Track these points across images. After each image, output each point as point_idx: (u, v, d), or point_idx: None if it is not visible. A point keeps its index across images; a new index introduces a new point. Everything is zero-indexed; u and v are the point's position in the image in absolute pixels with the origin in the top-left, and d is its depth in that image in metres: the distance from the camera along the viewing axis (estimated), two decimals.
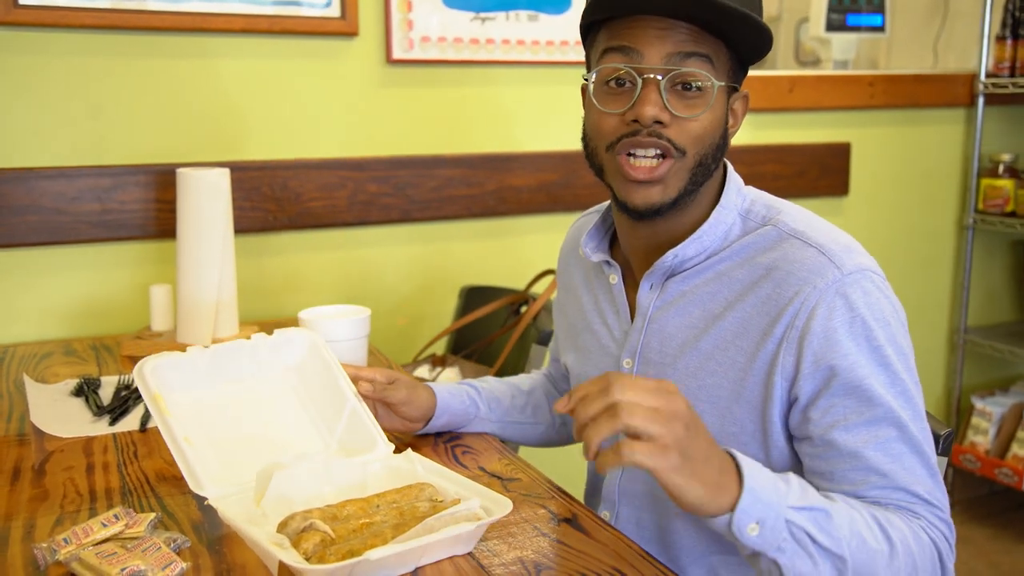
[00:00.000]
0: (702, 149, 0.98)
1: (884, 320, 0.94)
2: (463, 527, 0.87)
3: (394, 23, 1.95)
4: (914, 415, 0.93)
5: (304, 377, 1.15)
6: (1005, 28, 2.60)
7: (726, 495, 0.79)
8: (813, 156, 2.50)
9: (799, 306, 0.94)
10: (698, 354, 1.01)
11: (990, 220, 2.68)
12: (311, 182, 1.92)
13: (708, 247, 1.03)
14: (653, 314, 1.06)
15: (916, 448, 0.92)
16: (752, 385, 0.97)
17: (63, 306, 1.79)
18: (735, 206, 1.04)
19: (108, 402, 1.35)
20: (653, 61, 0.95)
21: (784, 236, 0.99)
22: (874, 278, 0.96)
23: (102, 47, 1.75)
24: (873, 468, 0.91)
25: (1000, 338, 2.76)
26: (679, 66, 0.95)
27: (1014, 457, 2.62)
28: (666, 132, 0.96)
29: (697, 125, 0.97)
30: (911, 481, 0.91)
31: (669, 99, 0.96)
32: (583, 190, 2.18)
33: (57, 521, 0.98)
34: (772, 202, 1.05)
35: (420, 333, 2.07)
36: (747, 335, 0.98)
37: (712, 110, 0.97)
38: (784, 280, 0.96)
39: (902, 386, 0.93)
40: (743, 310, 0.98)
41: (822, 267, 0.94)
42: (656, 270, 1.04)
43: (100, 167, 1.76)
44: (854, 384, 0.92)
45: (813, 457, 0.96)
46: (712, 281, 1.02)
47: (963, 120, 2.76)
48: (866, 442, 0.91)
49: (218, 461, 1.01)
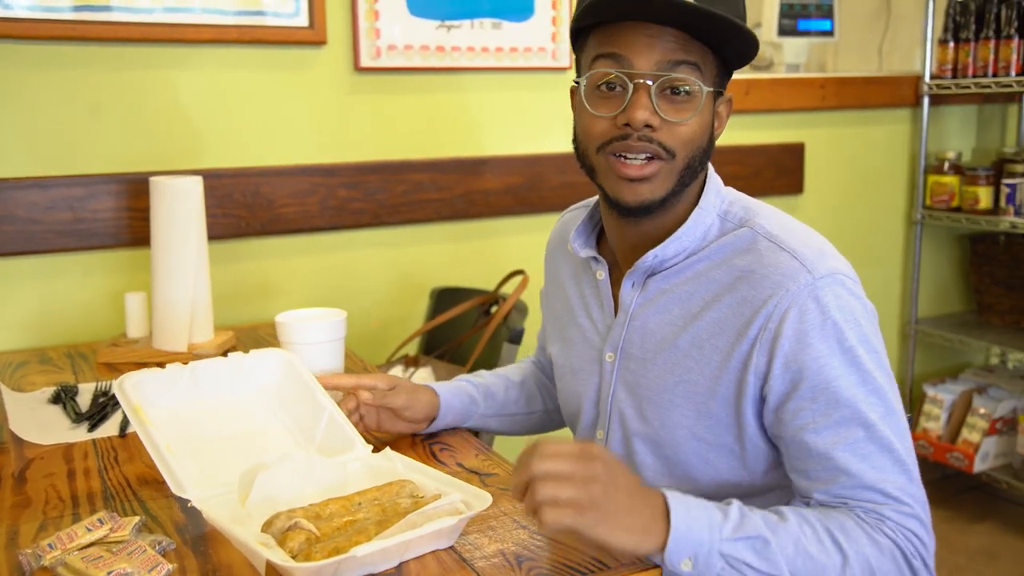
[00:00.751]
0: (691, 152, 1.01)
1: (855, 321, 0.97)
2: (445, 522, 0.89)
3: (361, 32, 1.98)
4: (886, 413, 0.96)
5: (281, 393, 1.18)
6: (947, 32, 2.69)
7: (655, 538, 0.85)
8: (769, 156, 2.57)
9: (772, 308, 0.97)
10: (676, 351, 1.05)
11: (937, 215, 2.78)
12: (282, 188, 1.95)
13: (687, 247, 1.06)
14: (635, 311, 1.10)
15: (886, 446, 0.95)
16: (727, 383, 1.01)
17: (38, 315, 1.79)
18: (714, 207, 1.07)
19: (86, 409, 1.36)
20: (643, 67, 0.98)
21: (758, 238, 1.02)
22: (845, 281, 0.99)
23: (72, 59, 1.76)
24: (842, 469, 0.95)
25: (949, 328, 2.85)
26: (669, 72, 0.98)
27: (964, 442, 2.70)
28: (656, 136, 0.99)
29: (686, 129, 1.00)
30: (880, 480, 0.94)
31: (659, 104, 0.99)
32: (549, 192, 2.23)
33: (40, 527, 0.98)
34: (749, 204, 1.09)
35: (393, 335, 2.10)
36: (723, 335, 1.01)
37: (700, 114, 1.00)
38: (759, 283, 0.99)
39: (873, 384, 0.96)
40: (719, 310, 1.02)
41: (795, 271, 0.98)
42: (637, 269, 1.08)
43: (73, 177, 1.77)
44: (821, 386, 0.96)
45: (788, 456, 1.00)
46: (691, 280, 1.06)
47: (909, 120, 2.85)
48: (835, 443, 0.95)
49: (199, 467, 1.03)
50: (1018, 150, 2.74)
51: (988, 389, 2.79)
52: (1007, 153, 2.71)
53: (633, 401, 1.11)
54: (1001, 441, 2.70)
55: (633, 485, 0.87)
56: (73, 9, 1.72)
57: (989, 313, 2.91)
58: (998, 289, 2.86)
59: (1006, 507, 2.79)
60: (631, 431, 1.11)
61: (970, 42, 2.64)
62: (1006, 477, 2.65)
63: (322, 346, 1.29)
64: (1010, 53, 2.53)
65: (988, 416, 2.67)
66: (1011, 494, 2.75)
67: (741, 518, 0.89)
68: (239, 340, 1.76)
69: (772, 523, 0.90)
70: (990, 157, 2.83)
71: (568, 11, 2.20)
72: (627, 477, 0.87)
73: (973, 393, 2.77)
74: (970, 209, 2.68)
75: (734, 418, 1.02)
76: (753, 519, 0.89)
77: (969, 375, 2.92)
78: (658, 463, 1.09)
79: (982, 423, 2.68)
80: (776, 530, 0.89)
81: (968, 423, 2.72)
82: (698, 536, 0.86)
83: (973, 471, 2.66)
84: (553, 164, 2.22)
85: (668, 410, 1.06)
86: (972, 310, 3.05)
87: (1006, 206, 2.57)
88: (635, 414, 1.10)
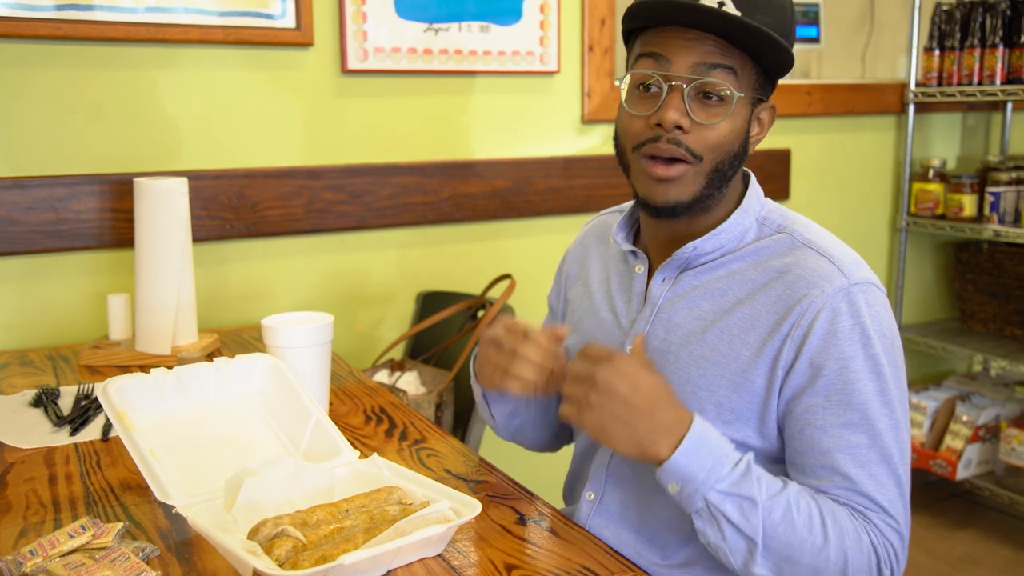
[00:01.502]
0: (719, 156, 1.03)
1: (883, 333, 1.00)
2: (434, 529, 0.88)
3: (348, 34, 1.97)
4: (893, 426, 0.98)
5: (267, 398, 1.17)
6: (932, 40, 2.71)
7: (654, 453, 0.95)
8: (756, 162, 2.58)
9: (806, 307, 1.00)
10: (702, 345, 1.06)
11: (922, 222, 2.80)
12: (268, 190, 1.94)
13: (724, 245, 1.09)
14: (663, 304, 1.11)
15: (886, 458, 0.98)
16: (756, 377, 1.02)
17: (19, 316, 1.77)
18: (754, 211, 1.10)
19: (68, 412, 1.35)
20: (680, 69, 1.01)
21: (798, 244, 1.05)
22: (878, 293, 1.02)
23: (55, 58, 1.74)
24: (839, 470, 0.97)
25: (933, 335, 2.87)
26: (703, 75, 1.00)
27: (947, 449, 2.72)
28: (685, 139, 1.02)
29: (715, 133, 1.02)
30: (873, 488, 0.97)
31: (692, 106, 1.01)
32: (536, 196, 2.23)
33: (21, 533, 0.97)
34: (788, 213, 1.12)
35: (379, 338, 2.09)
36: (754, 330, 1.03)
37: (732, 119, 1.02)
38: (795, 283, 1.02)
39: (888, 396, 0.98)
40: (752, 307, 1.04)
41: (831, 274, 1.01)
42: (673, 261, 1.10)
43: (55, 177, 1.75)
44: (838, 386, 0.98)
45: (789, 449, 1.02)
46: (724, 278, 1.07)
47: (895, 127, 2.88)
48: (838, 444, 0.97)
49: (184, 473, 1.02)
50: (1002, 159, 2.76)
51: (971, 396, 2.81)
52: (991, 161, 2.73)
53: None
54: (984, 448, 2.72)
55: (642, 401, 0.94)
56: (56, 8, 1.70)
57: (972, 320, 2.93)
58: (981, 297, 2.88)
59: (988, 514, 2.81)
60: None
61: (955, 50, 2.66)
62: (989, 484, 2.66)
63: (308, 350, 1.28)
64: (995, 62, 2.55)
65: (971, 423, 2.69)
66: (993, 501, 2.77)
67: (743, 475, 0.94)
68: (223, 343, 1.74)
69: (773, 490, 0.94)
70: (974, 165, 2.85)
71: (556, 15, 2.20)
72: (634, 391, 0.95)
73: (956, 400, 2.79)
74: (954, 217, 2.70)
75: (759, 412, 1.03)
76: (752, 479, 0.94)
77: (952, 382, 2.94)
78: None
79: (965, 430, 2.70)
80: (771, 494, 0.94)
81: (951, 430, 2.74)
82: (693, 474, 0.93)
83: (956, 478, 2.68)
84: (540, 168, 2.22)
85: (688, 403, 1.06)
86: (955, 317, 3.07)
87: (990, 214, 2.59)
88: None
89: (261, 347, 1.31)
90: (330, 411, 1.37)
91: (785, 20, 1.02)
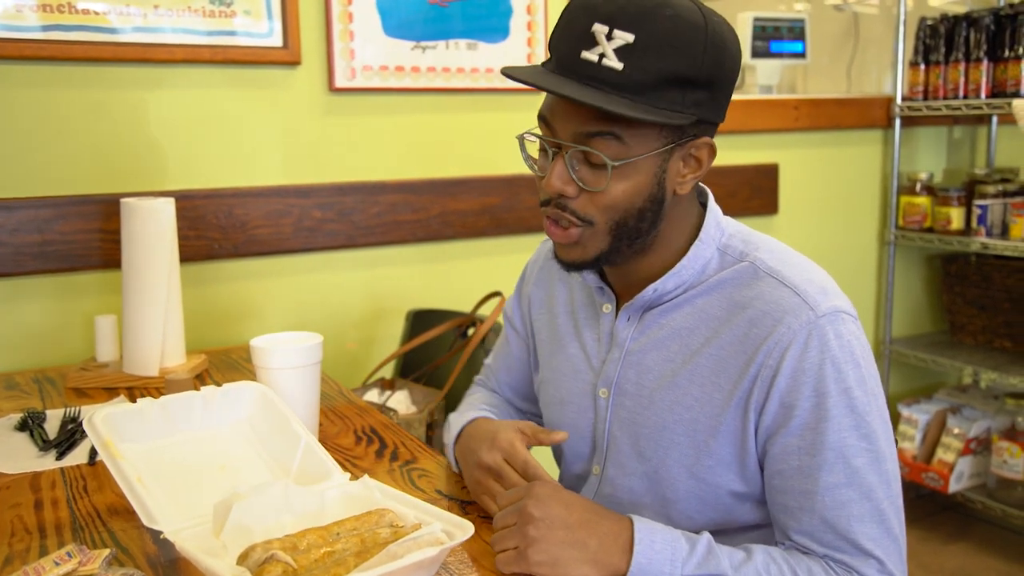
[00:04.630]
0: (615, 216, 0.98)
1: (855, 362, 0.96)
2: (426, 552, 0.87)
3: (336, 52, 1.97)
4: (873, 460, 0.94)
5: (255, 425, 1.16)
6: (917, 55, 2.74)
7: (614, 567, 0.90)
8: (743, 177, 2.59)
9: (772, 345, 0.96)
10: (675, 389, 1.04)
11: (910, 236, 2.81)
12: (256, 210, 1.93)
13: (686, 280, 1.05)
14: (631, 347, 1.08)
15: (867, 494, 0.94)
16: (730, 420, 1.00)
17: (4, 339, 1.76)
18: (714, 240, 1.05)
19: (54, 436, 1.33)
20: (563, 136, 0.96)
21: (760, 274, 1.01)
22: (847, 320, 0.98)
23: (41, 78, 1.73)
24: (818, 512, 0.94)
25: (923, 348, 2.88)
26: (583, 144, 0.95)
27: (939, 462, 2.73)
28: (571, 204, 0.98)
29: (606, 197, 0.96)
30: (852, 531, 0.93)
31: (579, 170, 0.97)
32: (526, 212, 2.23)
33: (6, 560, 0.96)
34: (749, 237, 1.07)
35: (369, 357, 2.08)
36: (724, 373, 1.00)
37: (626, 180, 0.96)
38: (759, 319, 0.98)
39: (865, 429, 0.94)
40: (720, 347, 1.00)
41: (796, 308, 0.96)
42: (635, 303, 1.07)
43: (40, 198, 1.74)
44: (811, 425, 0.95)
45: (770, 488, 1.00)
46: (689, 316, 1.04)
47: (881, 141, 2.89)
48: (815, 486, 0.94)
49: (171, 499, 1.00)
50: (989, 171, 2.78)
51: (962, 409, 2.82)
52: (978, 174, 2.75)
53: (629, 439, 1.09)
54: (975, 461, 2.72)
55: (579, 518, 0.91)
56: (42, 28, 1.70)
57: (962, 333, 2.94)
58: (970, 309, 2.89)
59: (981, 527, 2.81)
60: (628, 469, 1.09)
61: (940, 64, 2.68)
62: (981, 497, 2.66)
63: (298, 371, 1.27)
64: (979, 76, 2.57)
65: (962, 436, 2.69)
66: (986, 514, 2.77)
67: (707, 553, 0.91)
68: (212, 364, 1.73)
69: (737, 561, 0.91)
70: (961, 178, 2.87)
71: (544, 32, 2.21)
72: (569, 511, 0.92)
73: (947, 413, 2.79)
74: (942, 230, 2.71)
75: (737, 455, 1.01)
76: (719, 555, 0.91)
77: (943, 395, 2.95)
78: (655, 501, 1.08)
79: (956, 443, 2.70)
80: (739, 568, 0.91)
81: (943, 443, 2.74)
82: (659, 568, 0.89)
83: (948, 491, 2.68)
84: (530, 184, 2.22)
85: (667, 448, 1.05)
86: (944, 330, 3.09)
87: (977, 227, 2.60)
88: (632, 452, 1.09)
89: (250, 367, 1.30)
90: (320, 432, 1.35)
91: (690, 56, 0.92)
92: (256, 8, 1.88)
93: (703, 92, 0.95)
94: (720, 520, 1.05)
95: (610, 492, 1.12)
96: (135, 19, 1.77)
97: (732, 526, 1.05)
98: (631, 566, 0.89)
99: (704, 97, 0.96)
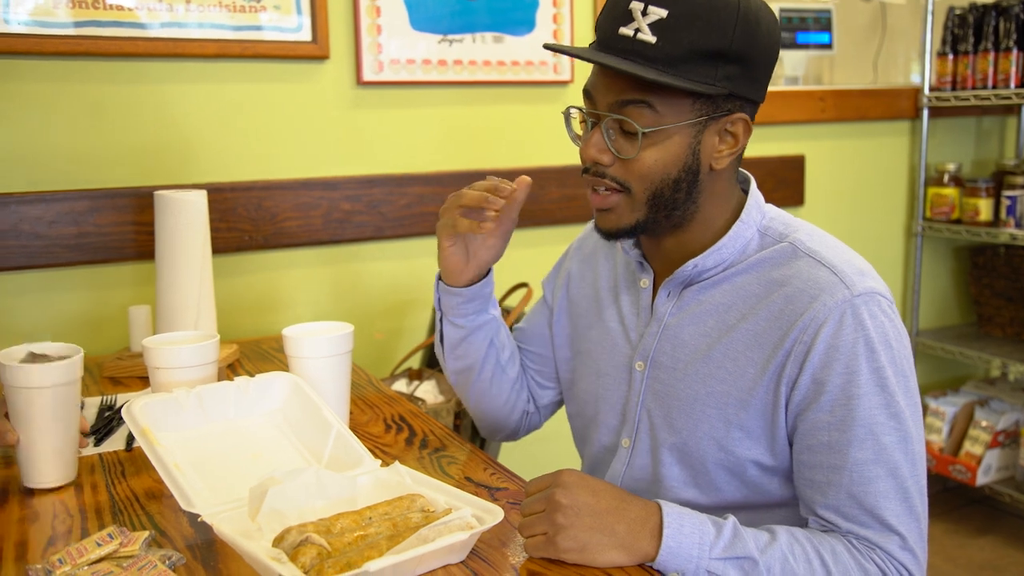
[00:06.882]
0: (651, 184, 1.02)
1: (887, 343, 0.98)
2: (457, 536, 0.88)
3: (364, 46, 1.99)
4: (901, 439, 0.96)
5: (288, 415, 1.18)
6: (945, 45, 2.71)
7: (644, 551, 0.91)
8: (770, 168, 2.58)
9: (808, 321, 0.99)
10: (709, 362, 1.06)
11: (937, 227, 2.79)
12: (286, 202, 1.95)
13: (726, 259, 1.08)
14: (669, 321, 1.11)
15: (893, 471, 0.96)
16: (762, 394, 1.02)
17: (42, 329, 1.79)
18: (755, 222, 1.09)
19: (92, 423, 1.36)
20: (600, 106, 1.02)
21: (799, 254, 1.04)
22: (882, 302, 1.00)
23: (76, 73, 1.76)
24: (845, 487, 0.96)
25: (950, 340, 2.86)
26: (617, 112, 1.00)
27: (967, 454, 2.71)
28: (609, 171, 1.03)
29: (640, 164, 1.01)
30: (878, 506, 0.95)
31: (616, 139, 1.02)
32: (551, 204, 2.24)
33: (49, 541, 0.98)
34: (790, 220, 1.11)
35: (397, 347, 2.10)
36: (758, 347, 1.02)
37: (658, 149, 1.00)
38: (796, 296, 1.00)
39: (895, 408, 0.96)
40: (755, 323, 1.03)
41: (833, 286, 0.99)
42: (675, 279, 1.10)
43: (77, 191, 1.78)
44: (842, 401, 0.97)
45: (798, 463, 1.01)
46: (727, 292, 1.07)
47: (909, 132, 2.87)
48: (843, 461, 0.96)
49: (208, 484, 1.02)
50: (1018, 162, 2.75)
51: (990, 402, 2.79)
52: (1007, 165, 2.72)
53: (662, 411, 1.11)
54: (1003, 454, 2.70)
55: (607, 504, 0.92)
56: (75, 25, 1.73)
57: (990, 325, 2.91)
58: (998, 301, 2.86)
59: (1009, 520, 2.79)
60: (659, 441, 1.12)
61: (969, 54, 2.65)
62: (1009, 490, 2.64)
63: (330, 359, 1.28)
64: (1009, 65, 2.55)
65: (990, 429, 2.68)
66: (1014, 507, 2.75)
67: (733, 536, 0.93)
68: (243, 354, 1.76)
69: (763, 543, 0.93)
70: (989, 169, 2.84)
71: (569, 25, 2.21)
72: (596, 498, 0.93)
73: (975, 406, 2.77)
74: (970, 221, 2.69)
75: (768, 428, 1.03)
76: (745, 538, 0.92)
77: (970, 387, 2.93)
78: (684, 473, 1.10)
79: (984, 436, 2.68)
80: (765, 550, 0.92)
81: (970, 436, 2.72)
82: (688, 552, 0.91)
83: (976, 484, 2.66)
84: (555, 177, 2.23)
85: (698, 421, 1.07)
86: (972, 322, 3.06)
87: (1006, 218, 2.58)
88: (663, 424, 1.11)
89: (281, 358, 1.32)
90: (350, 420, 1.37)
91: (721, 30, 0.96)
92: (285, 3, 1.90)
93: (735, 67, 0.98)
94: (748, 495, 1.07)
95: (641, 464, 1.14)
96: (165, 15, 1.80)
97: (760, 502, 1.07)
98: (660, 551, 0.91)
99: (736, 72, 0.99)
